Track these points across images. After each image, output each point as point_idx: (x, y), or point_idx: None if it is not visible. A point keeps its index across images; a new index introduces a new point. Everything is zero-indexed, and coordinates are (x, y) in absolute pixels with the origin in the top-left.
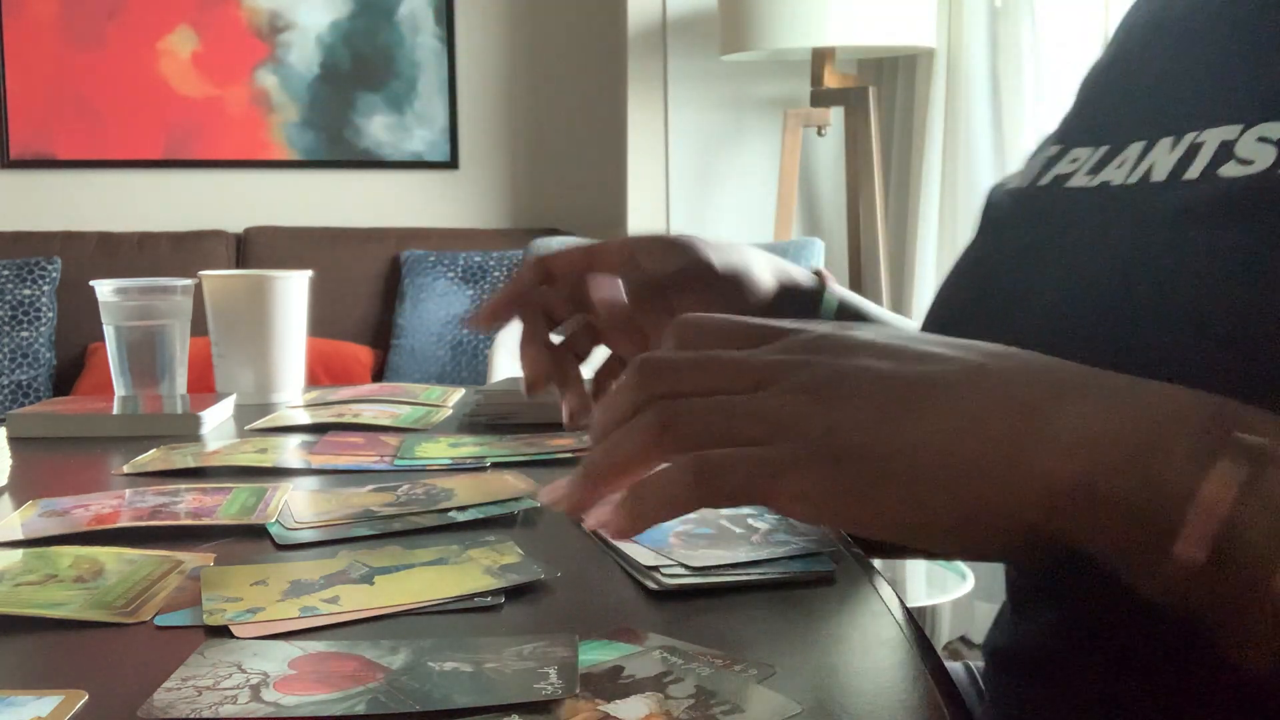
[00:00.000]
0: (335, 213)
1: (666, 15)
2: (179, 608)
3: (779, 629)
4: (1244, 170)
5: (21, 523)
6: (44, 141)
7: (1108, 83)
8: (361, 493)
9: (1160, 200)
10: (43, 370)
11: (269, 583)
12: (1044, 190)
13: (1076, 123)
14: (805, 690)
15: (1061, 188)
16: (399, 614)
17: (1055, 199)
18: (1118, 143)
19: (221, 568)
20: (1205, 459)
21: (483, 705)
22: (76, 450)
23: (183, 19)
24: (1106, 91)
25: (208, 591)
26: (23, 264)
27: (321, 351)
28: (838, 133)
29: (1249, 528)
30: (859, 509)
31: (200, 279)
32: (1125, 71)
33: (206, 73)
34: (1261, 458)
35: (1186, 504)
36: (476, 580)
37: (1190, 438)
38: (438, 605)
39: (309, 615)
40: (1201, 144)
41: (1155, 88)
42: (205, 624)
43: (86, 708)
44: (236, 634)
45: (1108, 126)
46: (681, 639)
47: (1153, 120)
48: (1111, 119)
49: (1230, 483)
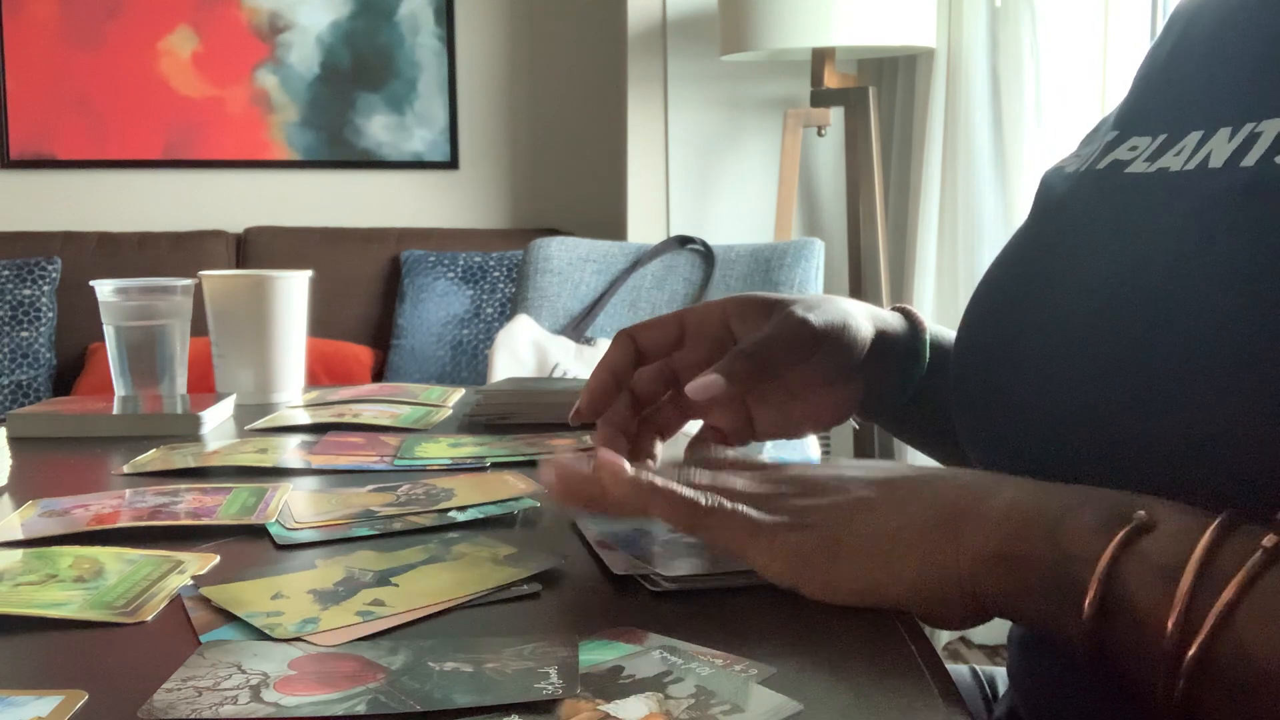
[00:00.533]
0: (335, 213)
1: (666, 15)
2: (213, 626)
3: (779, 629)
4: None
5: (21, 523)
6: (44, 141)
7: (1167, 72)
8: (361, 493)
9: (1217, 184)
10: (43, 370)
11: (286, 593)
12: (1102, 174)
13: (1135, 110)
14: (805, 690)
15: (1121, 173)
16: (448, 610)
17: (1113, 182)
18: (1176, 132)
19: (226, 585)
20: (1108, 528)
21: (483, 705)
22: (76, 450)
23: (183, 19)
24: (1167, 82)
25: (240, 610)
26: (23, 264)
27: (321, 351)
28: (838, 133)
29: (1135, 588)
30: (819, 574)
31: (200, 279)
32: (1187, 62)
33: (206, 73)
34: (1148, 526)
35: (1087, 568)
36: (500, 571)
37: (1097, 514)
38: (482, 597)
39: (370, 620)
40: (1260, 133)
41: (1216, 80)
42: (275, 637)
43: (86, 708)
44: (317, 643)
45: (1167, 116)
46: (681, 639)
47: (1211, 112)
48: (1171, 109)
49: (1119, 546)
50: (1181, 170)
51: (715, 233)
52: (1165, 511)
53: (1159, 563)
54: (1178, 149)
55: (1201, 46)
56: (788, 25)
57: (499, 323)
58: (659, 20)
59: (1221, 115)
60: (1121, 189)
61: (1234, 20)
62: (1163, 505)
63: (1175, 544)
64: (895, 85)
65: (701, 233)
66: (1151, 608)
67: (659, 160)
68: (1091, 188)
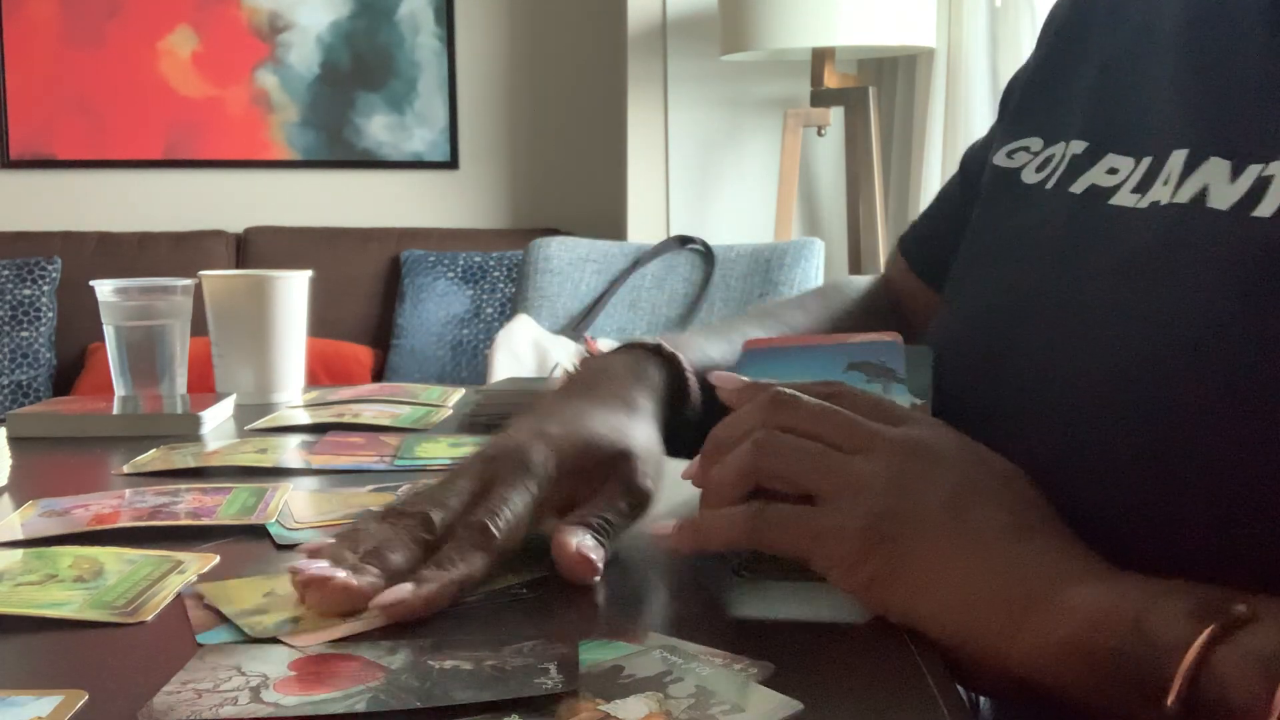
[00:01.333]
0: (335, 213)
1: (666, 15)
2: (210, 627)
3: (779, 629)
4: None
5: (21, 523)
6: (44, 141)
7: (1131, 75)
8: (361, 493)
9: (1234, 235)
10: (43, 370)
11: (276, 590)
12: (1083, 202)
13: (1100, 118)
14: (805, 690)
15: (1106, 204)
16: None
17: (1101, 214)
18: (1160, 154)
19: (219, 583)
20: (1201, 617)
21: (484, 700)
22: (76, 450)
23: (183, 19)
24: (1133, 86)
25: (228, 608)
26: (23, 264)
27: (321, 351)
28: (838, 133)
29: (1233, 680)
30: (870, 595)
31: (200, 279)
32: (1150, 64)
33: (206, 73)
34: (1248, 618)
35: (1176, 656)
36: (502, 576)
37: (1188, 603)
38: (481, 597)
39: (350, 620)
40: (1270, 178)
41: (1195, 96)
42: (256, 637)
43: (86, 708)
44: (295, 644)
45: (1142, 132)
46: (681, 639)
47: (1193, 132)
48: (1145, 123)
49: (1215, 633)
50: (1172, 203)
51: (715, 233)
52: (1265, 605)
53: (1262, 653)
54: (1164, 176)
55: (1167, 46)
56: (788, 25)
57: (499, 323)
58: (659, 20)
59: (1209, 140)
60: (1116, 228)
61: (1211, 23)
62: (1260, 599)
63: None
64: (895, 85)
65: (701, 233)
66: (1250, 701)
67: (659, 160)
68: (1077, 219)
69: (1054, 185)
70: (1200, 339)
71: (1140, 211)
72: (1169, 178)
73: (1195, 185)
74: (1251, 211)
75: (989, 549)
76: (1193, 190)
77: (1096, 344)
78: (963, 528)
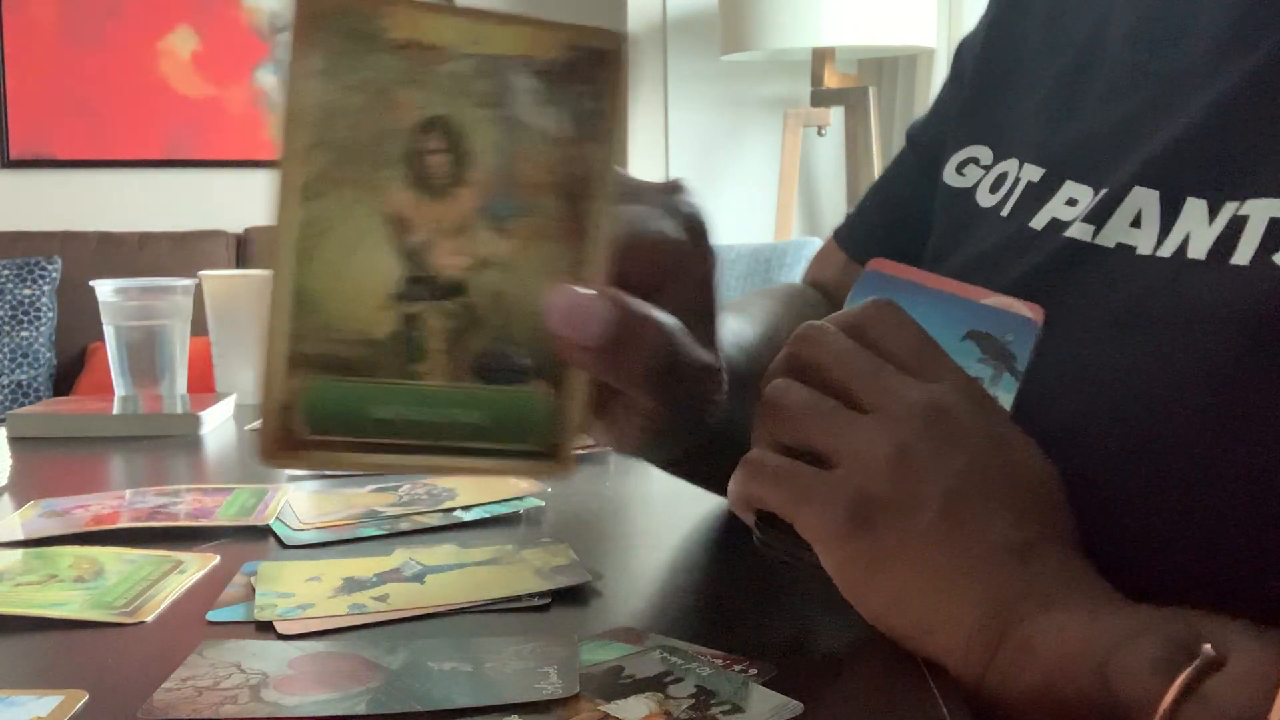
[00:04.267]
0: None
1: (666, 15)
2: (232, 603)
3: (779, 629)
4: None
5: (21, 523)
6: (44, 141)
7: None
8: (362, 493)
9: (1218, 287)
10: (43, 370)
11: (323, 579)
12: (1043, 238)
13: (1051, 140)
14: (805, 690)
15: (1064, 237)
16: (444, 614)
17: (1066, 254)
18: (1117, 188)
19: (278, 563)
20: (1169, 667)
21: (483, 705)
22: (76, 450)
23: (183, 19)
24: (1069, 109)
25: (262, 587)
26: (23, 264)
27: None
28: (838, 133)
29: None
30: (842, 578)
31: (200, 279)
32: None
33: (206, 73)
34: (1216, 663)
35: (1142, 713)
36: (525, 581)
37: (1155, 647)
38: (483, 605)
39: (357, 613)
40: (1245, 217)
41: (1135, 125)
42: (256, 619)
43: (86, 708)
44: (281, 630)
45: (1097, 159)
46: (681, 639)
47: (1157, 172)
48: (1096, 150)
49: (1180, 691)
50: (1154, 255)
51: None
52: (1236, 640)
53: (1229, 715)
54: (1132, 214)
55: (1116, 64)
56: (788, 25)
57: None
58: (659, 20)
59: (1175, 176)
60: (1086, 274)
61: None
62: (1233, 630)
63: (1248, 687)
64: (895, 85)
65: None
66: None
67: (659, 161)
68: (1038, 254)
69: (1010, 212)
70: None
71: (1113, 254)
72: (1139, 219)
73: (1179, 235)
74: (1230, 259)
75: (974, 571)
76: (1175, 242)
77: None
78: (952, 538)
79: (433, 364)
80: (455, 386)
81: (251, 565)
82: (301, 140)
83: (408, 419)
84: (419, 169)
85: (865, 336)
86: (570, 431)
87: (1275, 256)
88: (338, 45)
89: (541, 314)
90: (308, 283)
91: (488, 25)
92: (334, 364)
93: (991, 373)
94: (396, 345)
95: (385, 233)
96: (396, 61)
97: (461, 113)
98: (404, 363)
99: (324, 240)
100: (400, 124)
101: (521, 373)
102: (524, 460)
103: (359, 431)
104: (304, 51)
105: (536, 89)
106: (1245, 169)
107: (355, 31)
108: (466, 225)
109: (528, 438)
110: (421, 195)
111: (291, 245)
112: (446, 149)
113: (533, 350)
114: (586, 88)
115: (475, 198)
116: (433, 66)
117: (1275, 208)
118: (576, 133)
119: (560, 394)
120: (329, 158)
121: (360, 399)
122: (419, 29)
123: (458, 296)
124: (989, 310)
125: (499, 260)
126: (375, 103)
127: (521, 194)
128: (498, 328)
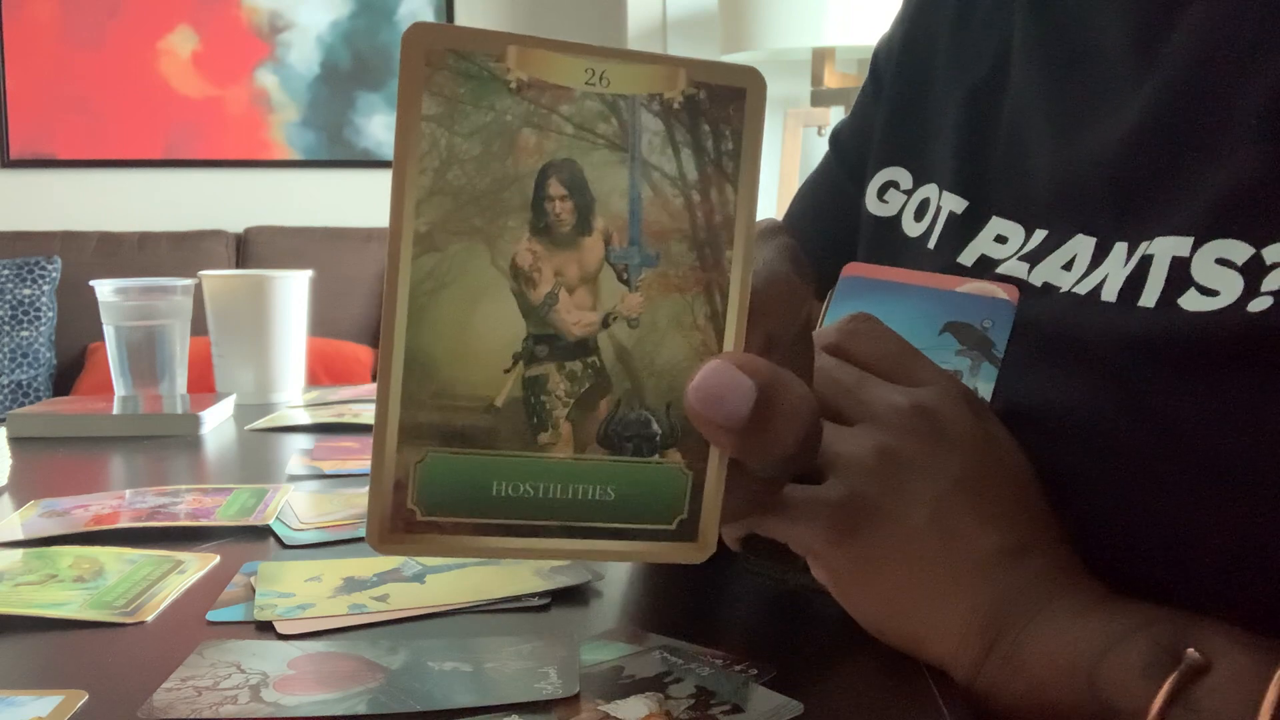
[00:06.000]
0: (335, 213)
1: (666, 15)
2: (232, 603)
3: (779, 629)
4: (1209, 304)
5: (21, 523)
6: (44, 141)
7: (976, 127)
8: (361, 493)
9: (1125, 329)
10: (43, 370)
11: (323, 578)
12: (974, 275)
13: (979, 173)
14: (805, 690)
15: (995, 273)
16: (443, 614)
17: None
18: (1056, 229)
19: (279, 563)
20: (1156, 672)
21: (483, 705)
22: (76, 450)
23: (183, 19)
24: (989, 142)
25: (262, 587)
26: (23, 264)
27: (321, 351)
28: None
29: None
30: (834, 584)
31: (200, 279)
32: (998, 120)
33: (206, 73)
34: (1202, 668)
35: (1132, 716)
36: (525, 582)
37: (1143, 652)
38: (482, 605)
39: (357, 613)
40: (1151, 257)
41: (1060, 163)
42: (256, 619)
43: (86, 708)
44: (281, 631)
45: (1016, 197)
46: (681, 639)
47: (1088, 217)
48: (1023, 187)
49: (1167, 698)
50: (1071, 292)
51: None
52: (1222, 645)
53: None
54: (1066, 258)
55: (1030, 88)
56: (787, 25)
57: None
58: (659, 20)
59: (1105, 220)
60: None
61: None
62: (1220, 634)
63: (1235, 692)
64: None
65: None
66: None
67: None
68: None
69: (936, 245)
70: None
71: (1038, 292)
72: (1071, 263)
73: (1098, 277)
74: (1136, 302)
75: (961, 579)
76: (1093, 283)
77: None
78: (943, 545)
79: (557, 433)
80: (583, 459)
81: (251, 565)
82: (416, 189)
83: (532, 497)
84: (542, 217)
85: (846, 353)
86: (711, 508)
87: (1180, 300)
88: (452, 87)
89: (674, 372)
90: (421, 344)
91: (611, 62)
92: (450, 434)
93: (970, 364)
94: (519, 412)
95: (506, 287)
96: (515, 103)
97: (586, 156)
98: (527, 432)
99: (439, 297)
100: (521, 170)
101: (654, 441)
102: (660, 543)
103: (478, 511)
104: (415, 94)
105: (665, 130)
106: (1155, 203)
107: (471, 72)
108: (593, 277)
109: (665, 516)
110: (545, 245)
111: (404, 303)
112: (570, 195)
113: (665, 416)
114: (718, 128)
115: (602, 247)
116: (554, 108)
117: (1179, 246)
118: (709, 176)
119: (697, 465)
120: (445, 207)
121: (480, 473)
122: (539, 68)
123: (584, 356)
124: (965, 298)
125: (628, 315)
126: (494, 147)
127: (651, 243)
128: (627, 391)
